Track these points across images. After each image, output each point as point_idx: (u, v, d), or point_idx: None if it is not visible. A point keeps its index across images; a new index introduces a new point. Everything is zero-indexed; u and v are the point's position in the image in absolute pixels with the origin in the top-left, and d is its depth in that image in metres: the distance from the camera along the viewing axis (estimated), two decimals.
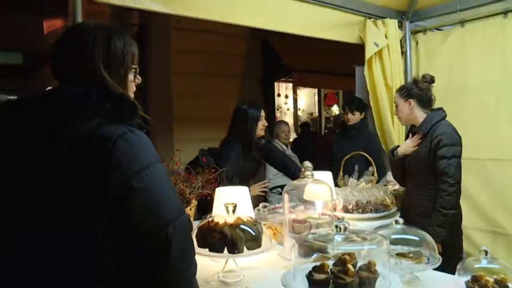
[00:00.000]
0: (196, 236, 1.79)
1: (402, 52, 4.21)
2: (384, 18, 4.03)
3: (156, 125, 6.10)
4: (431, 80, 2.75)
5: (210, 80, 5.84)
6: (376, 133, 4.05)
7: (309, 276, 1.33)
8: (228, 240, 1.70)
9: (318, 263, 1.36)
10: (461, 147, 2.58)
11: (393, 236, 1.69)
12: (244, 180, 2.99)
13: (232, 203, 1.83)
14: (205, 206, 2.55)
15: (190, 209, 2.36)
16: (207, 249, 1.75)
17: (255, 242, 1.76)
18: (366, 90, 4.35)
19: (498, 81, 3.65)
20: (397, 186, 3.27)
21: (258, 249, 1.75)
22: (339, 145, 4.12)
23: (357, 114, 4.02)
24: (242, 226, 1.76)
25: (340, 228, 1.38)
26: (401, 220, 1.73)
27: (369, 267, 1.34)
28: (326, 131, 8.20)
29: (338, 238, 1.38)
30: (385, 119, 4.14)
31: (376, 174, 3.44)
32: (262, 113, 3.26)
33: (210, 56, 5.98)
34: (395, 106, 2.85)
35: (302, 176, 2.07)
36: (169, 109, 5.98)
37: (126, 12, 5.71)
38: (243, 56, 6.77)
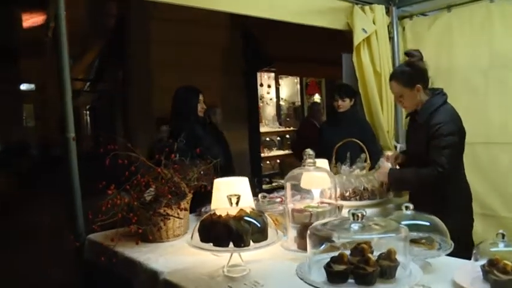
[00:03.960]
0: (199, 230, 1.71)
1: (390, 38, 4.19)
2: (371, 4, 3.99)
3: (136, 118, 5.99)
4: (420, 54, 2.63)
5: (191, 71, 5.72)
6: (367, 119, 4.03)
7: (328, 268, 1.27)
8: (234, 233, 1.62)
9: (336, 254, 1.29)
10: (459, 136, 2.49)
11: (403, 222, 1.63)
12: None
13: (235, 194, 1.75)
14: (199, 198, 2.46)
15: (187, 202, 2.27)
16: (211, 244, 1.67)
17: (261, 234, 1.68)
18: (353, 77, 4.32)
19: (486, 65, 3.66)
20: None
21: (265, 242, 1.68)
22: (328, 133, 4.06)
23: (347, 100, 3.97)
24: (247, 218, 1.68)
25: (357, 216, 1.32)
26: (411, 206, 1.68)
27: (389, 255, 1.28)
28: (301, 122, 8.16)
29: (355, 227, 1.32)
30: (374, 106, 4.12)
31: (369, 161, 3.40)
32: (201, 97, 3.47)
33: (191, 47, 5.86)
34: (399, 96, 2.61)
35: (303, 164, 2.00)
36: (150, 103, 5.85)
37: (105, 3, 5.55)
38: (224, 46, 6.67)
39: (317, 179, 2.24)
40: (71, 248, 2.38)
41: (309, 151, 1.97)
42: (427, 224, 1.67)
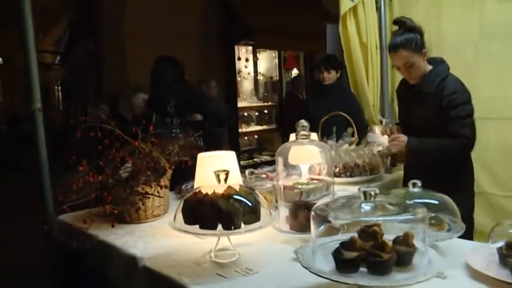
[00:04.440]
0: (183, 211, 1.52)
1: (377, 8, 4.02)
2: None
3: (110, 92, 5.71)
4: (411, 20, 2.45)
5: (166, 43, 5.46)
6: (353, 92, 3.89)
7: (338, 255, 1.10)
8: (223, 214, 1.44)
9: (346, 238, 1.13)
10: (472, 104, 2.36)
11: (411, 201, 1.48)
12: None
13: (223, 170, 1.56)
14: (178, 174, 2.25)
15: (168, 179, 2.07)
16: (197, 226, 1.48)
17: (253, 214, 1.51)
18: (337, 49, 4.16)
19: (476, 38, 3.54)
20: (380, 147, 3.10)
21: (257, 224, 1.50)
22: (314, 106, 3.89)
23: (333, 73, 3.80)
24: (236, 197, 1.50)
25: (369, 195, 1.15)
26: (419, 182, 1.53)
27: (406, 239, 1.12)
28: (285, 96, 7.96)
29: (366, 207, 1.15)
30: (359, 79, 3.98)
31: (356, 135, 3.26)
32: None
33: (166, 18, 5.59)
34: (408, 66, 2.35)
35: (296, 138, 1.82)
36: (124, 77, 5.59)
37: None
38: (200, 18, 6.40)
39: (306, 153, 2.07)
40: (39, 230, 2.17)
41: (303, 122, 1.80)
42: (436, 202, 1.52)
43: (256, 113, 8.32)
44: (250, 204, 1.50)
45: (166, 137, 2.21)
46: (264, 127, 8.26)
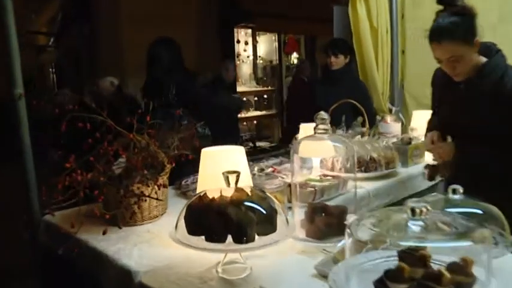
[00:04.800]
0: (187, 219, 1.30)
1: None
2: None
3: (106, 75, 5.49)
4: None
5: (163, 25, 5.21)
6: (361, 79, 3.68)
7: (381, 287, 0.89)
8: (234, 225, 1.23)
9: (393, 266, 0.91)
10: None
11: (449, 210, 1.27)
12: None
13: (234, 171, 1.34)
14: (178, 167, 2.02)
15: (166, 177, 1.85)
16: (203, 238, 1.27)
17: (267, 224, 1.29)
18: (344, 33, 3.94)
19: (496, 22, 3.34)
20: (394, 139, 2.89)
21: (273, 235, 1.28)
22: (321, 93, 3.66)
23: (341, 57, 3.56)
24: (249, 203, 1.28)
25: (419, 211, 0.93)
26: (460, 189, 1.31)
27: (464, 267, 0.91)
28: (292, 79, 7.67)
29: (415, 226, 0.93)
30: (369, 64, 3.79)
31: (367, 125, 3.05)
32: None
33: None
34: (454, 61, 1.87)
35: (314, 132, 1.60)
36: (120, 59, 5.35)
37: None
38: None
39: (318, 145, 1.83)
40: (23, 232, 1.95)
41: (323, 114, 1.57)
42: (479, 212, 1.31)
43: (255, 98, 8.09)
44: (264, 212, 1.28)
45: (166, 128, 1.98)
46: (264, 112, 8.03)
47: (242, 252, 1.29)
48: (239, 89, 7.43)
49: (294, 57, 9.05)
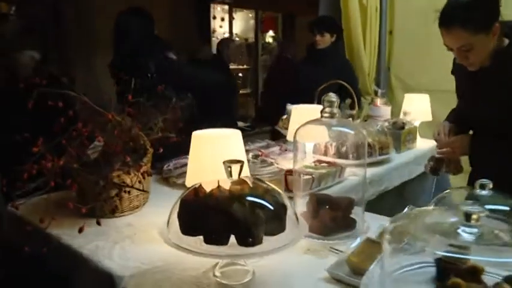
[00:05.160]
0: (181, 217, 1.11)
1: None
2: None
3: (79, 69, 5.15)
4: None
5: None
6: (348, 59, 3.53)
7: None
8: (239, 224, 1.04)
9: (430, 275, 0.76)
10: None
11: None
12: None
13: (236, 160, 1.15)
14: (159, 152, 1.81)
15: (149, 162, 1.64)
16: (201, 237, 1.08)
17: (275, 222, 1.11)
18: (330, 11, 3.76)
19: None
20: (386, 123, 2.75)
21: (283, 236, 1.11)
22: (306, 73, 3.48)
23: (327, 36, 3.37)
24: (253, 198, 1.10)
25: (475, 218, 0.77)
26: (490, 184, 1.16)
27: None
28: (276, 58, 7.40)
29: (468, 234, 0.77)
30: (356, 44, 3.63)
31: (357, 107, 2.90)
32: None
33: None
34: (465, 50, 1.60)
35: (321, 115, 1.42)
36: (92, 39, 5.02)
37: None
38: None
39: (312, 129, 1.66)
40: None
41: (331, 96, 1.39)
42: (507, 209, 1.17)
43: None
44: (271, 207, 1.11)
45: (147, 107, 1.76)
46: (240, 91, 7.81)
47: (248, 258, 1.12)
48: None
49: (269, 36, 8.82)
